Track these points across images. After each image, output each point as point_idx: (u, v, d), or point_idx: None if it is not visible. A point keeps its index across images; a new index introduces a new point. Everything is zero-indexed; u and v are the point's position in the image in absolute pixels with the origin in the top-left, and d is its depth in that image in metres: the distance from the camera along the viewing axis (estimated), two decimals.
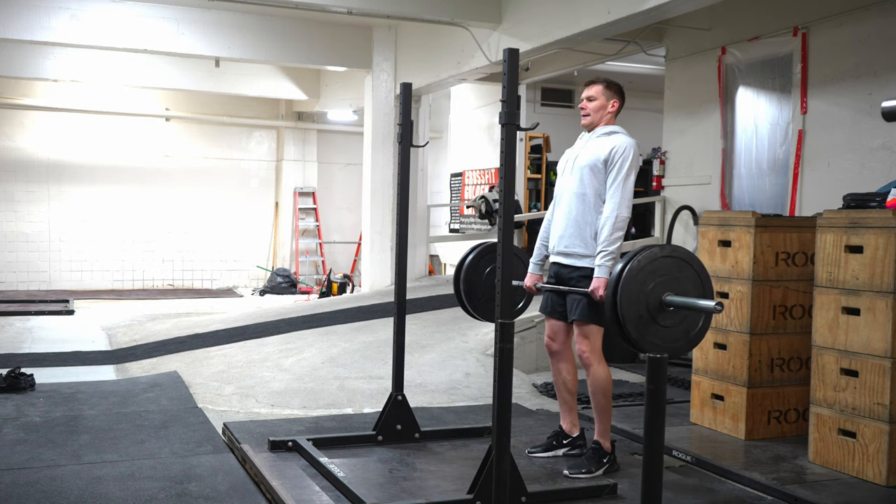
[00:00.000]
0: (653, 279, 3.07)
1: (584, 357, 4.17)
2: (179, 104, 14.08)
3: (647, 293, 3.05)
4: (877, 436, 4.01)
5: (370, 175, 10.76)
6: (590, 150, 4.19)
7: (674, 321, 3.10)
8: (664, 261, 3.13)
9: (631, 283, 3.05)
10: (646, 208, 13.61)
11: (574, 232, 4.17)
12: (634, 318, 3.01)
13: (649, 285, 3.06)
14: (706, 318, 3.19)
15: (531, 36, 7.61)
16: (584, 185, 4.16)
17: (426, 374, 6.16)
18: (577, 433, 4.42)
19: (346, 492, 3.72)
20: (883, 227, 4.02)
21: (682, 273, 3.12)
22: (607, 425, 4.17)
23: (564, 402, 4.42)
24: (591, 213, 4.14)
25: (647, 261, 3.08)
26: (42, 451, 4.37)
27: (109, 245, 13.90)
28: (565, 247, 4.20)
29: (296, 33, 10.28)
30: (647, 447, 2.45)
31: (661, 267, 3.11)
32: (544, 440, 4.50)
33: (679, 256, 3.13)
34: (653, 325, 3.04)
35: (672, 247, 3.24)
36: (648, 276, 3.07)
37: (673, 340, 3.12)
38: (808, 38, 6.61)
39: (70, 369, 6.83)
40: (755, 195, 7.27)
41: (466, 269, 4.43)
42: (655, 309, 3.07)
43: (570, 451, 4.38)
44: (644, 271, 3.07)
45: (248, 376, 6.20)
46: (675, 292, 3.09)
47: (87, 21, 9.24)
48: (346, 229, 15.48)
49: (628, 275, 3.05)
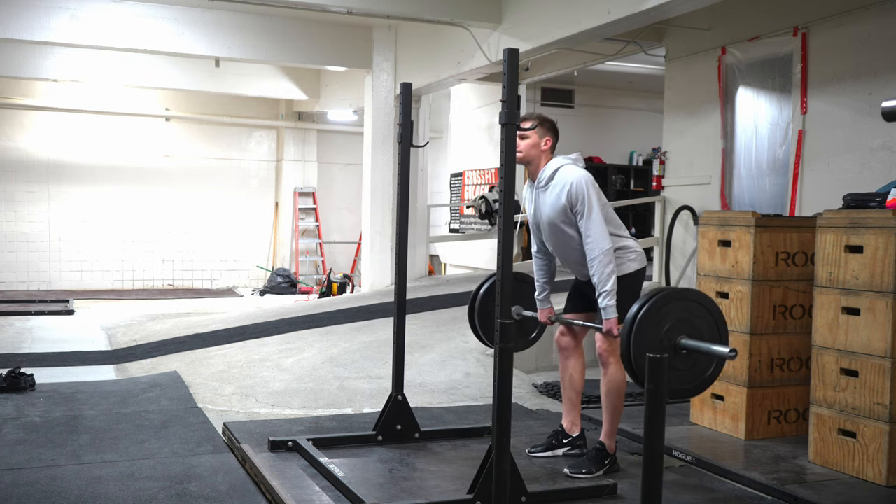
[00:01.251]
0: (667, 321, 3.07)
1: (603, 356, 4.15)
2: (179, 104, 14.08)
3: (660, 336, 3.06)
4: (877, 436, 4.01)
5: (370, 175, 10.76)
6: (548, 204, 4.13)
7: (686, 364, 3.10)
8: (679, 304, 3.13)
9: (645, 327, 3.06)
10: (646, 208, 13.65)
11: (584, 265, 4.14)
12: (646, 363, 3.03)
13: (664, 327, 3.06)
14: (718, 363, 3.19)
15: (531, 36, 7.62)
16: (566, 235, 4.14)
17: (426, 374, 6.16)
18: (577, 433, 4.42)
19: (346, 492, 3.72)
20: (883, 227, 4.02)
21: (697, 316, 3.12)
22: (615, 427, 4.16)
23: (569, 400, 4.42)
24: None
25: (663, 303, 3.09)
26: (42, 451, 4.36)
27: (109, 245, 13.90)
28: (584, 276, 4.21)
29: (296, 33, 10.28)
30: (647, 447, 2.45)
31: (675, 310, 3.11)
32: (544, 440, 4.50)
33: (694, 299, 3.14)
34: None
35: (688, 290, 3.25)
36: (663, 318, 3.07)
37: (684, 382, 3.13)
38: (808, 38, 6.61)
39: (70, 369, 6.83)
40: (755, 195, 7.27)
41: (481, 299, 4.50)
42: (669, 352, 3.07)
43: (570, 451, 4.38)
44: (659, 314, 3.07)
45: (248, 376, 6.20)
46: (689, 335, 3.09)
47: (87, 21, 9.24)
48: (346, 229, 15.48)
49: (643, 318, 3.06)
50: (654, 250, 8.18)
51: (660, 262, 7.95)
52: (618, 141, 14.22)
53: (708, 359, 3.16)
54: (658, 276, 7.98)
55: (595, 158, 14.15)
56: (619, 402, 4.15)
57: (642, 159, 14.51)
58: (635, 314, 3.11)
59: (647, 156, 13.99)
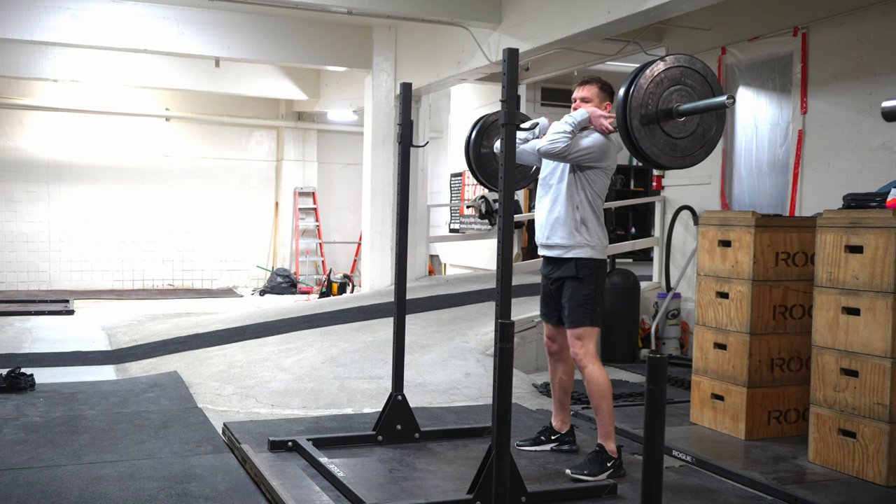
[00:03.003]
0: (662, 92, 3.30)
1: (577, 359, 4.19)
2: (179, 104, 14.08)
3: (657, 107, 3.29)
4: (877, 436, 4.01)
5: (370, 175, 10.76)
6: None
7: (686, 131, 3.29)
8: (668, 73, 3.30)
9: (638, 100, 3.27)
10: (646, 208, 13.64)
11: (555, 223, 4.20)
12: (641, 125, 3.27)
13: (659, 98, 3.30)
14: (719, 119, 3.32)
15: (531, 36, 7.62)
16: (563, 176, 4.21)
17: (426, 374, 6.16)
18: (566, 430, 4.49)
19: (346, 492, 3.72)
20: (883, 227, 4.02)
21: (688, 81, 3.33)
22: (609, 428, 4.16)
23: (558, 401, 4.49)
24: (571, 205, 4.17)
25: (655, 70, 3.27)
26: (42, 451, 4.36)
27: (109, 245, 13.89)
28: (547, 238, 4.25)
29: (296, 33, 10.28)
30: (647, 447, 2.45)
31: (666, 81, 3.31)
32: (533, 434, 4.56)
33: (682, 65, 3.35)
34: (666, 137, 3.23)
35: (673, 57, 3.39)
36: (657, 89, 3.29)
37: (691, 150, 3.28)
38: (808, 38, 6.61)
39: (70, 369, 6.83)
40: (755, 195, 7.27)
41: (473, 146, 4.64)
42: (668, 120, 3.26)
43: (559, 447, 4.45)
44: (654, 81, 3.28)
45: (248, 376, 6.20)
46: (684, 101, 3.33)
47: (87, 21, 9.24)
48: (346, 229, 15.48)
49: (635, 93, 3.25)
50: (654, 250, 8.19)
51: (660, 262, 7.95)
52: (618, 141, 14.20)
53: (709, 118, 3.30)
54: (658, 276, 7.98)
55: None
56: (605, 402, 4.14)
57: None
58: (625, 91, 3.24)
59: None
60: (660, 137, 3.27)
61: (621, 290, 7.32)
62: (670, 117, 3.28)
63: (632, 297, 7.36)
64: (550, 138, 4.05)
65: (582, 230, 4.15)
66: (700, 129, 3.33)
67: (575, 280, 4.16)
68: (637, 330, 7.38)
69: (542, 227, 4.29)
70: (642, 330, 7.48)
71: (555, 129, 4.07)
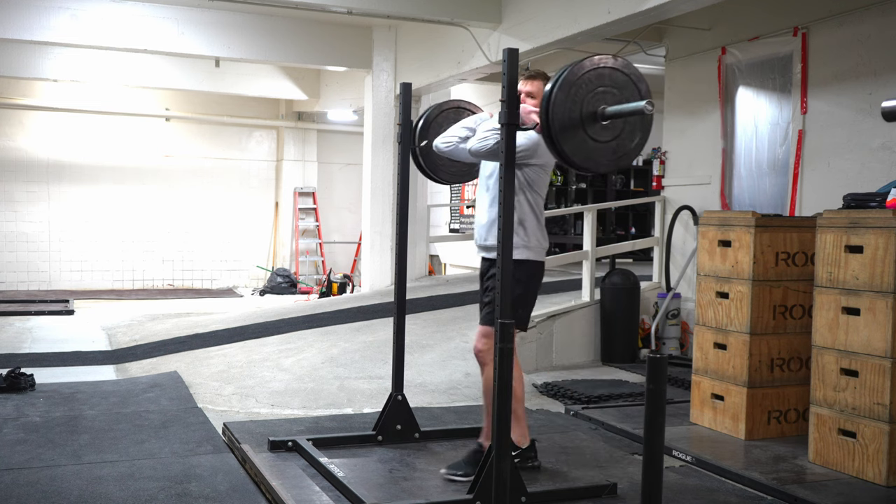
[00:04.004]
0: (586, 92, 3.21)
1: (481, 356, 4.06)
2: (179, 104, 14.08)
3: (581, 108, 3.21)
4: (877, 436, 4.01)
5: (370, 175, 10.76)
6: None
7: (610, 135, 3.24)
8: (595, 73, 3.23)
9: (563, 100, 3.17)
10: (646, 208, 13.64)
11: (492, 224, 4.02)
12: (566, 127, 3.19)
13: (583, 99, 3.21)
14: (644, 128, 3.29)
15: (531, 36, 7.62)
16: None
17: (426, 374, 6.16)
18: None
19: (346, 492, 3.72)
20: (883, 227, 4.02)
21: (617, 84, 3.26)
22: (488, 430, 3.85)
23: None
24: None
25: (579, 73, 3.20)
26: (42, 451, 4.36)
27: (109, 245, 13.89)
28: (484, 239, 4.12)
29: (296, 33, 10.28)
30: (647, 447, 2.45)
31: (592, 80, 3.23)
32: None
33: (608, 66, 3.26)
34: (587, 140, 3.20)
35: (600, 58, 3.32)
36: (581, 89, 3.20)
37: (611, 153, 3.27)
38: (808, 38, 6.61)
39: (70, 369, 6.83)
40: (755, 195, 7.27)
41: (419, 138, 4.54)
42: (593, 123, 3.21)
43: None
44: (577, 84, 3.20)
45: (248, 376, 6.20)
46: (611, 103, 3.23)
47: (87, 21, 9.24)
48: (346, 229, 15.48)
49: (559, 92, 3.16)
50: (654, 250, 8.18)
51: (660, 262, 7.95)
52: None
53: (632, 128, 3.27)
54: (658, 276, 7.98)
55: None
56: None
57: (642, 159, 14.50)
58: (550, 89, 3.18)
59: (647, 156, 13.97)
60: (582, 139, 3.22)
61: (621, 290, 7.32)
62: (595, 120, 3.23)
63: (632, 297, 7.36)
64: (480, 137, 3.89)
65: (519, 231, 3.95)
66: (623, 136, 3.29)
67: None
68: (637, 330, 7.38)
69: (479, 228, 4.14)
70: (642, 330, 7.48)
71: (485, 128, 3.92)
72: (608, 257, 8.16)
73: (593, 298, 7.39)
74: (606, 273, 7.54)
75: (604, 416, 5.22)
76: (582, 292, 7.50)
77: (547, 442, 4.67)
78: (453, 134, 4.20)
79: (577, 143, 3.19)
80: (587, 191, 14.24)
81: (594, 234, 7.49)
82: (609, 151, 3.26)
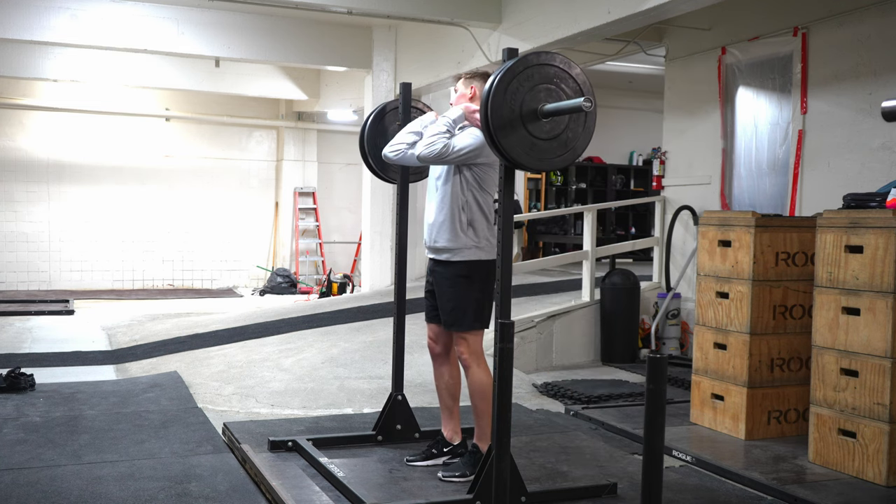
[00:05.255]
0: (525, 90, 3.26)
1: (463, 360, 4.06)
2: (179, 104, 14.08)
3: (519, 105, 3.24)
4: (877, 436, 4.01)
5: (370, 175, 10.72)
6: None
7: (550, 133, 3.28)
8: (534, 70, 3.27)
9: (501, 96, 3.21)
10: (646, 208, 13.65)
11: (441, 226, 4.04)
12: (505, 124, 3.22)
13: (521, 96, 3.25)
14: (585, 127, 3.32)
15: (531, 36, 7.61)
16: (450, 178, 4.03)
17: (426, 374, 6.16)
18: (458, 441, 4.26)
19: (346, 492, 3.73)
20: (883, 227, 4.02)
21: (559, 81, 3.31)
22: (487, 430, 3.88)
23: (446, 408, 4.27)
24: (456, 207, 4.01)
25: (518, 70, 3.24)
26: (42, 451, 4.37)
27: (109, 245, 13.89)
28: (434, 241, 4.08)
29: (296, 33, 10.28)
30: (647, 447, 2.45)
31: (533, 78, 3.27)
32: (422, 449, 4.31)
33: (548, 63, 3.31)
34: (527, 136, 3.24)
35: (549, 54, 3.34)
36: (520, 87, 3.25)
37: (555, 153, 3.30)
38: (808, 38, 6.61)
39: (70, 369, 6.83)
40: (755, 195, 7.27)
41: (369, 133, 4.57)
42: (533, 121, 3.24)
43: (452, 460, 4.20)
44: (520, 77, 3.24)
45: (248, 376, 6.20)
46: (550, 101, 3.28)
47: (87, 21, 9.24)
48: (346, 229, 15.47)
49: (497, 87, 3.21)
50: (654, 250, 8.19)
51: (660, 262, 7.95)
52: (618, 141, 14.22)
53: (575, 125, 3.31)
54: (658, 276, 7.98)
55: (595, 158, 14.16)
56: (485, 403, 3.93)
57: (642, 159, 14.51)
58: (489, 88, 3.22)
59: (647, 156, 14.00)
60: (521, 136, 3.24)
61: (621, 290, 7.32)
62: (535, 118, 3.25)
63: (632, 297, 7.36)
64: (427, 142, 3.91)
65: (469, 232, 3.98)
66: (565, 136, 3.31)
67: (464, 279, 3.98)
68: (637, 330, 7.38)
69: (429, 229, 4.10)
70: (642, 330, 7.48)
71: (431, 132, 3.95)
72: (608, 257, 8.17)
73: (593, 298, 7.39)
74: (606, 273, 7.54)
75: (604, 416, 5.22)
76: (582, 292, 7.50)
77: (547, 442, 4.67)
78: (401, 141, 4.18)
79: (517, 140, 3.21)
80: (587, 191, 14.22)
81: (594, 234, 7.49)
82: (552, 149, 3.28)
